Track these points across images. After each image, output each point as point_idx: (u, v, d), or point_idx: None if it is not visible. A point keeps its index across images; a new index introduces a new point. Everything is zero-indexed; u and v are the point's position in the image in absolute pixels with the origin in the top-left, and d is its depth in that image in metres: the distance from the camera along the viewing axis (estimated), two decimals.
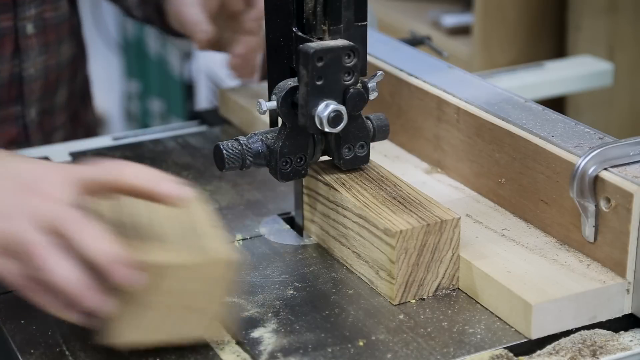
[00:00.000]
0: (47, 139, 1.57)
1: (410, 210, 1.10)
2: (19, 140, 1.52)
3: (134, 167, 0.97)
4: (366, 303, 1.10)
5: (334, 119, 1.09)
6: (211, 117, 1.63)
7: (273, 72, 1.19)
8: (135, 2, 1.58)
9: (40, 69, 1.47)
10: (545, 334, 1.04)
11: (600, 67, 2.03)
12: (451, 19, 2.57)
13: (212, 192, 1.38)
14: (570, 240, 1.13)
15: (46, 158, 1.50)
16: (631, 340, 1.05)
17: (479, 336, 1.04)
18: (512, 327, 1.05)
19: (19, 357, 1.02)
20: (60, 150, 1.54)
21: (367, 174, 1.18)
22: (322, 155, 1.18)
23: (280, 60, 1.17)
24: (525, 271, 1.09)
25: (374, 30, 1.62)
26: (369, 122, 1.18)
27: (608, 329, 1.06)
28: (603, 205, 1.08)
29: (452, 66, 1.42)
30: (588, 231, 1.10)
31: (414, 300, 1.10)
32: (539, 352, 1.03)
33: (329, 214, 1.18)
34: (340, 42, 1.09)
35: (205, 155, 1.47)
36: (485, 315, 1.08)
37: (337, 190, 1.16)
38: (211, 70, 3.30)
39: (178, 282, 0.95)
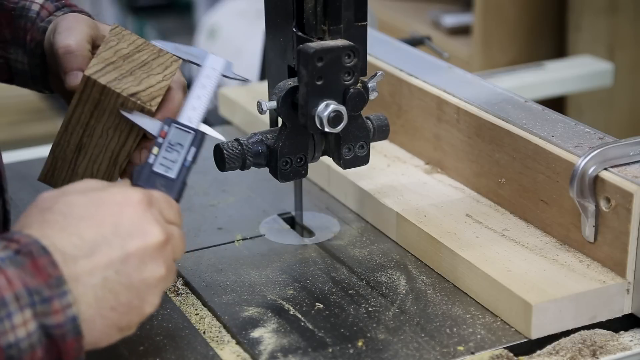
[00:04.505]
0: None
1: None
2: None
3: None
4: (366, 303, 1.10)
5: (334, 119, 1.09)
6: (211, 117, 1.63)
7: (273, 72, 1.20)
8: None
9: None
10: (545, 334, 1.04)
11: (600, 67, 2.03)
12: (451, 19, 2.57)
13: (213, 192, 1.38)
14: (570, 240, 1.13)
15: (45, 157, 1.50)
16: (631, 340, 1.05)
17: (479, 336, 1.04)
18: (512, 327, 1.05)
19: None
20: None
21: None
22: (322, 155, 1.18)
23: (280, 60, 1.17)
24: (525, 271, 1.09)
25: (374, 30, 1.62)
26: (369, 122, 1.18)
27: (608, 329, 1.06)
28: (603, 205, 1.08)
29: (452, 66, 1.42)
30: (588, 231, 1.10)
31: (411, 298, 1.10)
32: (539, 352, 1.03)
33: None
34: (340, 42, 1.09)
35: (205, 156, 1.46)
36: (485, 315, 1.08)
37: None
38: None
39: None
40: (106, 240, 0.90)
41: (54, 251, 0.87)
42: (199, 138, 1.05)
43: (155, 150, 1.03)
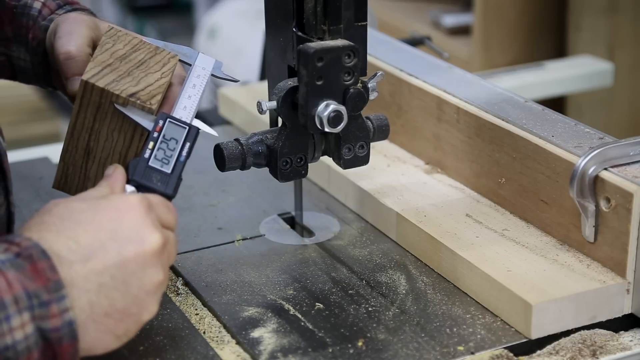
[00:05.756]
0: None
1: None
2: None
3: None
4: (366, 303, 1.10)
5: (334, 119, 1.09)
6: (211, 117, 1.63)
7: (273, 72, 1.20)
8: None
9: None
10: (545, 334, 1.04)
11: (600, 67, 2.03)
12: (451, 19, 2.57)
13: (213, 192, 1.38)
14: (570, 240, 1.13)
15: (45, 157, 1.50)
16: (631, 340, 1.05)
17: (479, 336, 1.04)
18: (512, 327, 1.05)
19: None
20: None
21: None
22: (322, 155, 1.18)
23: (280, 60, 1.17)
24: (525, 271, 1.09)
25: (374, 30, 1.62)
26: (369, 122, 1.18)
27: (608, 329, 1.06)
28: (603, 205, 1.08)
29: (452, 66, 1.42)
30: (588, 231, 1.10)
31: (411, 297, 1.10)
32: (539, 352, 1.03)
33: None
34: (340, 42, 1.09)
35: (205, 156, 1.47)
36: (485, 315, 1.08)
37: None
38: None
39: None
40: (103, 246, 0.90)
41: (51, 254, 0.87)
42: (193, 133, 1.06)
43: (150, 144, 1.03)
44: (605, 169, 1.08)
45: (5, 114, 3.46)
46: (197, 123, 1.07)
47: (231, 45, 3.19)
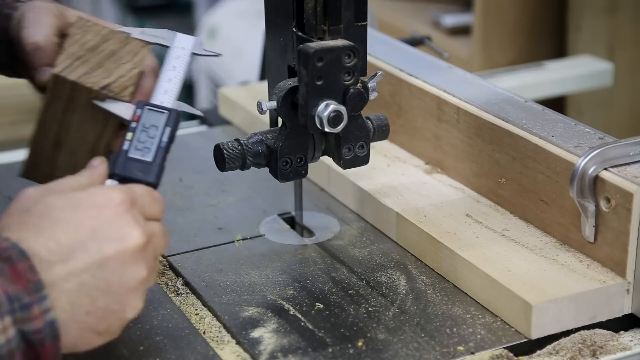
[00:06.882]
0: None
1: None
2: None
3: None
4: (366, 303, 1.10)
5: (334, 119, 1.09)
6: (211, 117, 1.63)
7: (273, 72, 1.20)
8: None
9: None
10: (545, 334, 1.04)
11: (600, 67, 2.03)
12: (451, 19, 2.57)
13: (213, 192, 1.38)
14: (570, 240, 1.13)
15: None
16: (631, 340, 1.05)
17: (479, 336, 1.04)
18: (512, 327, 1.05)
19: None
20: None
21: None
22: (322, 155, 1.18)
23: (280, 60, 1.17)
24: (525, 271, 1.09)
25: (374, 30, 1.62)
26: (369, 122, 1.18)
27: (608, 329, 1.06)
28: (603, 205, 1.08)
29: (452, 66, 1.42)
30: (588, 231, 1.10)
31: (411, 297, 1.10)
32: (539, 352, 1.03)
33: None
34: (340, 42, 1.09)
35: (205, 156, 1.47)
36: (485, 315, 1.08)
37: None
38: (211, 70, 3.30)
39: None
40: (83, 245, 0.89)
41: (31, 256, 0.87)
42: (174, 117, 1.03)
43: (129, 135, 1.01)
44: (605, 169, 1.08)
45: (5, 114, 3.45)
46: (180, 105, 1.05)
47: (231, 45, 3.19)
